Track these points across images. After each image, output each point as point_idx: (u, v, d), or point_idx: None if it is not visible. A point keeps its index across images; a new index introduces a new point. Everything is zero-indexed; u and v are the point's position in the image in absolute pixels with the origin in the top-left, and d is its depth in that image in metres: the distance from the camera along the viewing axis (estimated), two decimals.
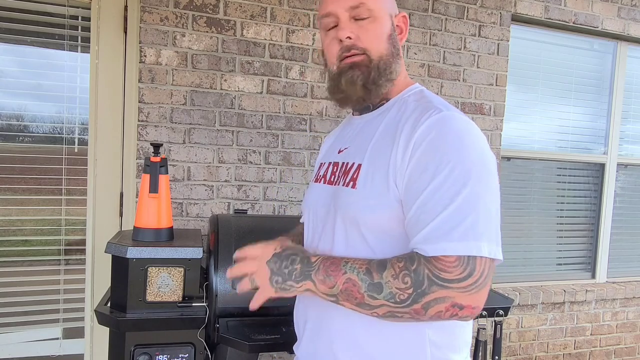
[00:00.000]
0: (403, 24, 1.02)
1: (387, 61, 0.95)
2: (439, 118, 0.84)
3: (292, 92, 2.25)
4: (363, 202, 0.87)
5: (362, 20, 0.94)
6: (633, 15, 2.86)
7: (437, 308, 0.76)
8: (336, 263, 0.84)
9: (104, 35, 2.04)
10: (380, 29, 0.95)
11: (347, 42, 0.94)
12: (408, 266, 0.78)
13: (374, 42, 0.94)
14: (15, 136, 2.05)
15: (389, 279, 0.78)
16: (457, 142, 0.81)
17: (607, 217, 3.01)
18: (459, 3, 2.49)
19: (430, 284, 0.76)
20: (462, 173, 0.78)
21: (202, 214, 2.15)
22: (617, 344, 3.06)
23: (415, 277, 0.77)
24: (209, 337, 1.49)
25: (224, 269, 1.55)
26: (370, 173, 0.89)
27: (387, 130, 0.92)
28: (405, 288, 0.77)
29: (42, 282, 2.05)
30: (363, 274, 0.80)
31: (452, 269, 0.76)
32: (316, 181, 1.09)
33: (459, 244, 0.76)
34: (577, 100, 2.92)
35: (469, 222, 0.76)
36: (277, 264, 0.89)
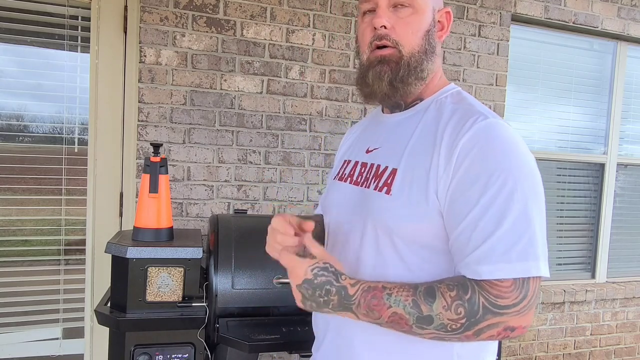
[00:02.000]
0: (446, 20, 0.94)
1: (418, 58, 0.89)
2: (485, 126, 0.79)
3: (292, 92, 2.25)
4: (399, 211, 0.82)
5: (402, 10, 0.88)
6: (633, 15, 2.86)
7: (489, 333, 0.73)
8: (378, 296, 0.76)
9: (104, 35, 2.04)
10: (419, 23, 0.88)
11: (381, 31, 0.88)
12: (461, 295, 0.73)
13: (408, 36, 0.88)
14: (15, 136, 2.05)
15: (440, 310, 0.73)
16: (507, 153, 0.77)
17: (607, 217, 3.01)
18: (459, 3, 2.49)
19: (485, 313, 0.72)
20: (514, 187, 0.74)
21: (202, 214, 2.15)
22: (617, 344, 3.06)
23: (470, 307, 0.72)
24: (209, 337, 1.49)
25: (224, 269, 1.55)
26: (408, 180, 0.83)
27: (425, 134, 0.86)
28: (458, 319, 0.73)
29: (42, 282, 2.05)
30: (410, 307, 0.75)
31: (508, 294, 0.72)
32: (340, 179, 1.03)
33: (517, 265, 0.72)
34: (577, 100, 2.92)
35: (524, 241, 0.72)
36: (309, 291, 0.79)
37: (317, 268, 0.79)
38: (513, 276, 0.72)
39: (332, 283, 0.79)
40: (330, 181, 1.13)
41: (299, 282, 0.80)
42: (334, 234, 1.00)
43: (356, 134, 1.13)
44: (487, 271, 0.73)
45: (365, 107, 2.35)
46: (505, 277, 0.72)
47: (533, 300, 0.73)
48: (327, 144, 2.32)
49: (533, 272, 0.72)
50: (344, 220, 0.96)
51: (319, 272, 0.79)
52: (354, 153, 1.05)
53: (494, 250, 0.73)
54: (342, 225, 0.97)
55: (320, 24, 2.27)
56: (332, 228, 1.02)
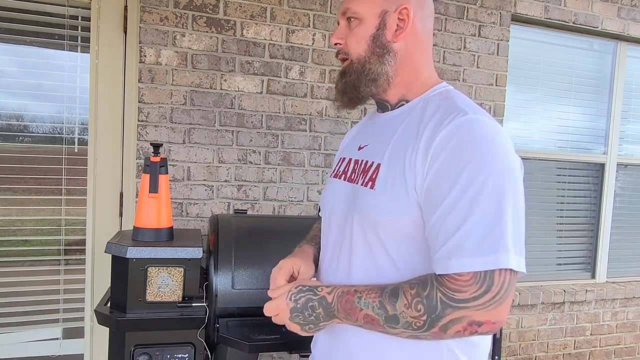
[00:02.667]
0: (406, 16, 0.93)
1: (365, 62, 0.94)
2: (463, 121, 0.80)
3: (292, 92, 2.25)
4: (382, 205, 0.85)
5: (352, 22, 0.96)
6: (633, 15, 2.86)
7: (455, 329, 0.75)
8: (350, 300, 0.83)
9: (104, 35, 2.04)
10: (363, 31, 0.94)
11: (338, 47, 0.99)
12: (420, 292, 0.76)
13: (354, 45, 0.95)
14: (15, 136, 2.05)
15: (402, 309, 0.77)
16: (481, 148, 0.77)
17: (607, 217, 3.01)
18: (459, 3, 2.49)
19: (444, 307, 0.74)
20: (485, 182, 0.74)
21: (202, 214, 2.15)
22: (617, 344, 3.06)
23: (428, 302, 0.75)
24: (208, 337, 1.49)
25: (223, 269, 1.55)
26: (391, 175, 0.86)
27: (408, 131, 0.89)
28: (419, 316, 0.75)
29: (42, 282, 2.05)
30: (377, 308, 0.79)
31: (467, 287, 0.73)
32: (335, 176, 1.07)
33: (477, 259, 0.72)
34: (577, 100, 2.92)
35: (495, 234, 0.73)
36: (300, 317, 0.87)
37: (292, 294, 0.88)
38: (478, 269, 0.72)
39: (312, 299, 0.87)
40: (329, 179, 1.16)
41: (289, 315, 0.88)
42: (328, 230, 1.03)
43: (354, 133, 1.17)
44: (454, 265, 0.74)
45: (365, 107, 2.35)
46: (468, 271, 0.73)
47: (502, 293, 0.73)
48: (327, 144, 2.32)
49: (502, 264, 0.72)
50: (338, 215, 0.99)
51: (296, 296, 0.88)
52: (348, 150, 1.09)
53: (460, 244, 0.73)
54: (336, 220, 1.00)
55: (320, 24, 2.27)
56: (327, 224, 1.05)
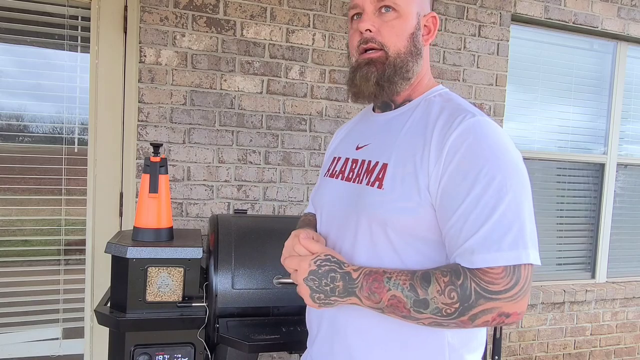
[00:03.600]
0: (432, 24, 0.98)
1: (404, 59, 0.93)
2: (473, 123, 0.83)
3: (292, 92, 2.25)
4: (391, 204, 0.86)
5: (387, 14, 0.92)
6: (633, 15, 2.86)
7: (484, 319, 0.77)
8: (379, 279, 0.82)
9: (104, 36, 2.04)
10: (403, 26, 0.92)
11: (367, 35, 0.93)
12: (454, 281, 0.77)
13: (393, 38, 0.92)
14: (15, 136, 2.05)
15: (435, 294, 0.77)
16: (494, 149, 0.81)
17: (607, 217, 3.01)
18: (459, 3, 2.49)
19: (477, 298, 0.76)
20: (503, 181, 0.78)
21: (202, 214, 2.15)
22: (617, 344, 3.06)
23: (462, 292, 0.76)
24: (208, 337, 1.49)
25: (224, 269, 1.55)
26: (399, 174, 0.87)
27: (415, 130, 0.90)
28: (452, 303, 0.77)
29: (42, 282, 2.05)
30: (407, 290, 0.79)
31: (499, 280, 0.76)
32: (330, 176, 1.06)
33: (507, 253, 0.75)
34: (576, 100, 2.92)
35: (514, 230, 0.76)
36: (316, 282, 0.85)
37: (319, 260, 0.86)
38: (504, 264, 0.76)
39: (336, 270, 0.85)
40: (320, 178, 1.16)
41: (305, 276, 0.85)
42: (326, 230, 1.03)
43: (345, 132, 1.17)
44: (480, 260, 0.76)
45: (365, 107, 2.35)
46: (496, 265, 0.76)
47: (526, 286, 0.77)
48: (327, 144, 2.32)
49: (523, 259, 0.76)
50: (337, 215, 0.99)
51: (322, 262, 0.86)
52: (343, 150, 1.08)
53: (485, 240, 0.76)
54: (335, 220, 1.00)
55: (320, 24, 2.27)
56: (324, 223, 1.04)
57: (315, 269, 0.85)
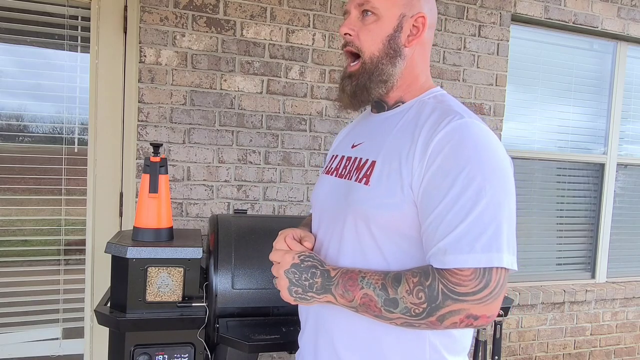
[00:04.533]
0: (421, 24, 0.96)
1: (377, 63, 0.94)
2: (459, 124, 0.83)
3: (292, 92, 2.25)
4: (375, 200, 0.87)
5: (367, 17, 0.94)
6: (633, 15, 2.86)
7: (452, 320, 0.78)
8: (354, 278, 0.84)
9: (104, 35, 2.04)
10: (380, 29, 0.94)
11: (347, 38, 0.97)
12: (422, 281, 0.78)
13: (368, 42, 0.94)
14: (15, 136, 2.05)
15: (404, 294, 0.79)
16: (477, 151, 0.81)
17: (607, 217, 3.01)
18: (459, 3, 2.49)
19: (444, 299, 0.77)
20: (482, 182, 0.78)
21: (202, 214, 2.15)
22: (617, 344, 3.06)
23: (430, 292, 0.77)
24: (208, 337, 1.49)
25: (223, 269, 1.55)
26: (386, 171, 0.88)
27: (404, 130, 0.91)
28: (419, 303, 0.78)
29: (42, 282, 2.05)
30: (379, 289, 0.81)
31: (467, 282, 0.76)
32: (327, 173, 1.08)
33: (479, 255, 0.76)
34: (576, 100, 2.92)
35: (489, 233, 0.77)
36: (296, 275, 0.88)
37: (303, 255, 0.91)
38: (474, 265, 0.76)
39: (317, 267, 0.89)
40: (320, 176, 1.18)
41: (287, 268, 0.89)
42: (317, 225, 1.05)
43: (346, 132, 1.19)
44: (451, 260, 0.77)
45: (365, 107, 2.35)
46: (466, 266, 0.76)
47: (497, 290, 0.77)
48: (327, 144, 2.32)
49: (495, 262, 0.76)
50: (328, 211, 1.01)
51: (305, 258, 0.90)
52: (341, 148, 1.11)
53: (458, 241, 0.77)
54: (325, 216, 1.02)
55: (320, 24, 2.27)
56: (316, 219, 1.06)
57: (299, 262, 0.89)
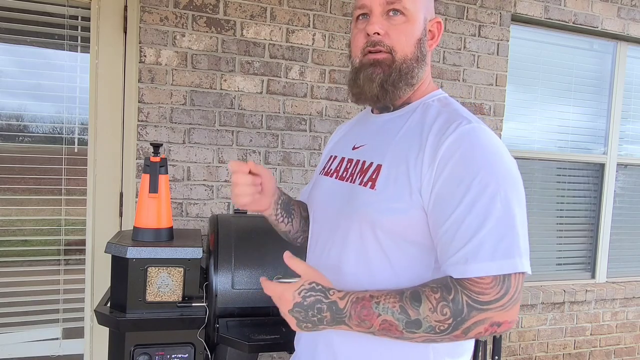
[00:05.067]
0: (437, 29, 0.97)
1: (410, 65, 0.92)
2: (468, 130, 0.82)
3: (292, 92, 2.25)
4: (382, 205, 0.85)
5: (395, 17, 0.91)
6: (633, 15, 2.86)
7: (477, 330, 0.76)
8: (367, 306, 0.79)
9: (104, 35, 2.04)
10: (412, 30, 0.91)
11: (375, 38, 0.91)
12: (445, 296, 0.76)
13: (401, 43, 0.91)
14: (15, 136, 2.05)
15: (427, 313, 0.76)
16: (488, 156, 0.80)
17: (607, 217, 3.01)
18: (459, 3, 2.49)
19: (470, 311, 0.75)
20: (496, 188, 0.77)
21: (202, 214, 2.15)
22: (617, 344, 3.06)
23: (454, 306, 0.75)
24: (208, 337, 1.49)
25: (223, 269, 1.55)
26: (393, 176, 0.86)
27: (411, 134, 0.89)
28: (445, 319, 0.75)
29: (42, 282, 2.05)
30: (398, 313, 0.77)
31: (489, 290, 0.75)
32: (326, 174, 1.06)
33: (500, 262, 0.75)
34: (576, 100, 2.92)
35: (508, 239, 0.76)
36: (302, 314, 0.81)
37: (304, 290, 0.82)
38: (496, 273, 0.75)
39: (321, 301, 0.81)
40: (316, 176, 1.15)
41: (289, 308, 0.81)
42: (319, 228, 1.02)
43: (344, 131, 1.17)
44: (473, 269, 0.75)
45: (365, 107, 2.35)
46: (489, 274, 0.75)
47: (516, 295, 0.76)
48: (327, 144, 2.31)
49: (518, 268, 0.75)
50: (330, 214, 0.99)
51: (306, 293, 0.81)
52: (340, 149, 1.08)
53: (478, 249, 0.75)
54: (327, 219, 0.99)
55: (320, 24, 2.27)
56: (317, 222, 1.04)
57: (300, 300, 0.81)
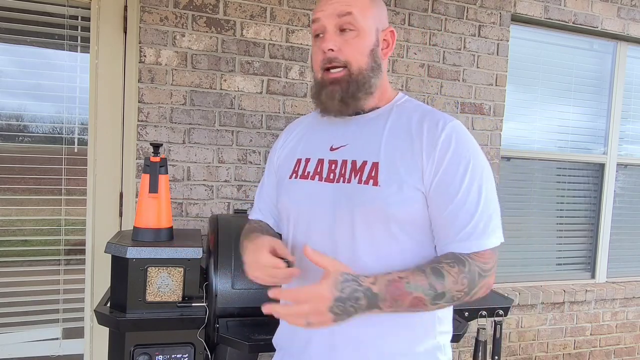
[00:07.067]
0: (390, 38, 1.05)
1: (366, 75, 0.99)
2: (455, 126, 0.96)
3: (291, 92, 2.25)
4: (390, 198, 0.92)
5: (348, 33, 0.97)
6: (633, 15, 2.86)
7: (480, 293, 0.92)
8: (399, 287, 0.85)
9: (104, 36, 2.04)
10: (363, 43, 0.98)
11: (330, 54, 0.98)
12: (462, 269, 0.88)
13: (355, 56, 0.98)
14: (15, 136, 2.05)
15: (451, 285, 0.87)
16: (473, 147, 0.96)
17: (607, 217, 3.01)
18: (458, 3, 2.49)
19: (479, 278, 0.90)
20: (482, 174, 0.94)
21: (202, 214, 2.15)
22: (617, 344, 3.06)
23: (471, 276, 0.89)
24: (208, 337, 1.49)
25: (223, 269, 1.55)
26: (393, 171, 0.94)
27: (399, 132, 0.98)
28: (462, 289, 0.88)
29: (42, 282, 2.05)
30: (428, 289, 0.86)
31: (489, 259, 0.91)
32: (302, 178, 1.04)
33: (491, 238, 0.91)
34: (576, 100, 2.92)
35: (494, 217, 0.93)
36: (341, 307, 0.81)
37: (339, 282, 0.82)
38: (492, 246, 0.92)
39: (357, 290, 0.83)
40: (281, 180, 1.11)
41: (329, 304, 0.80)
42: (304, 232, 1.02)
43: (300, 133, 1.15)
44: (475, 245, 0.91)
45: None
46: (488, 247, 0.91)
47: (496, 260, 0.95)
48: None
49: (501, 239, 0.94)
50: (321, 217, 0.99)
51: (343, 284, 0.82)
52: (311, 151, 1.07)
53: (476, 228, 0.91)
54: (318, 222, 1.00)
55: None
56: (299, 226, 1.04)
57: (339, 295, 0.81)
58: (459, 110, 2.53)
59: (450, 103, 2.51)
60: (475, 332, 1.84)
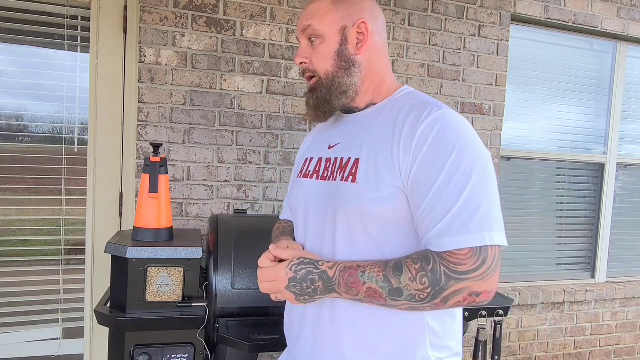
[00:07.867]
0: (365, 29, 1.00)
1: (334, 77, 1.00)
2: (439, 115, 0.88)
3: (291, 92, 2.25)
4: (366, 196, 0.90)
5: (315, 41, 1.01)
6: (633, 15, 2.86)
7: (455, 299, 0.81)
8: (354, 275, 0.86)
9: (104, 36, 2.04)
10: (326, 48, 1.00)
11: (303, 67, 1.04)
12: (424, 267, 0.82)
13: (320, 63, 1.00)
14: (15, 136, 2.05)
15: (407, 282, 0.82)
16: (459, 138, 0.86)
17: (607, 217, 3.01)
18: (458, 3, 2.49)
19: (447, 280, 0.80)
20: (468, 166, 0.83)
21: (202, 214, 2.15)
22: (617, 344, 3.06)
23: (433, 276, 0.81)
24: (208, 337, 1.49)
25: (223, 269, 1.55)
26: (372, 166, 0.91)
27: (383, 125, 0.95)
28: (424, 288, 0.81)
29: (42, 282, 2.05)
30: (382, 281, 0.84)
31: (466, 260, 0.80)
32: (304, 177, 1.09)
33: (472, 235, 0.80)
34: (576, 100, 2.92)
35: (480, 214, 0.81)
36: (297, 287, 0.90)
37: (293, 265, 0.91)
38: (469, 246, 0.80)
39: (312, 272, 0.89)
40: (293, 180, 1.19)
41: (285, 284, 0.90)
42: (304, 230, 1.05)
43: (315, 135, 1.21)
44: (447, 243, 0.81)
45: None
46: (463, 247, 0.81)
47: (494, 265, 0.82)
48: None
49: (487, 241, 0.81)
50: (315, 215, 1.01)
51: (297, 267, 0.90)
52: (315, 150, 1.12)
53: (452, 224, 0.82)
54: (312, 220, 1.02)
55: None
56: (302, 224, 1.06)
57: (293, 275, 0.90)
58: (459, 110, 2.53)
59: (450, 103, 2.51)
60: (475, 332, 1.84)
